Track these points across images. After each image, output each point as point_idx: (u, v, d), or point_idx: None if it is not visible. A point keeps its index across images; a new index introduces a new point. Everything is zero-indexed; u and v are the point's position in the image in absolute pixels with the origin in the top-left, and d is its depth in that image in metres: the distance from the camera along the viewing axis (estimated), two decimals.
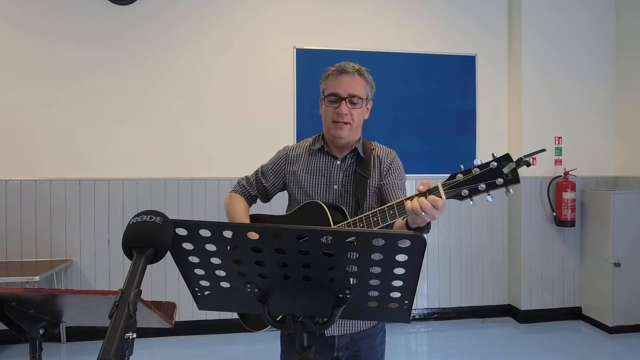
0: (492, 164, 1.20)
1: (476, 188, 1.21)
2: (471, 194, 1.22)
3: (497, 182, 1.19)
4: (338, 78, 1.55)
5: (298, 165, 1.66)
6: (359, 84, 1.55)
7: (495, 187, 1.20)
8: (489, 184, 1.20)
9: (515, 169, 1.18)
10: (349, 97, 1.53)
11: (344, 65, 1.56)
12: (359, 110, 1.57)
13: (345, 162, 1.62)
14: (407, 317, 0.93)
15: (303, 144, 1.71)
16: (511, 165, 1.17)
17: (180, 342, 3.80)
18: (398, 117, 4.29)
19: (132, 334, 0.68)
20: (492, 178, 1.19)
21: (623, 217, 4.01)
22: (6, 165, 3.77)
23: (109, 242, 3.88)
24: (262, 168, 1.74)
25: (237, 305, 1.03)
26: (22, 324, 0.98)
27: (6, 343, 3.60)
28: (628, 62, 4.38)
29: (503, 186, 1.20)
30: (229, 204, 1.71)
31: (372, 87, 1.61)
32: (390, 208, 1.33)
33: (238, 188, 1.75)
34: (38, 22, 3.81)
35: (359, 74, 1.56)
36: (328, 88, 1.57)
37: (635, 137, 4.33)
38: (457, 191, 1.22)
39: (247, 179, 1.75)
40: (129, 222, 0.80)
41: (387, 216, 1.34)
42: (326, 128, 1.60)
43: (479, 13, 4.44)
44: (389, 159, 1.63)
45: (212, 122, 4.05)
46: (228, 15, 4.08)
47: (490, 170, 1.19)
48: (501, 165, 1.18)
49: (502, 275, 4.49)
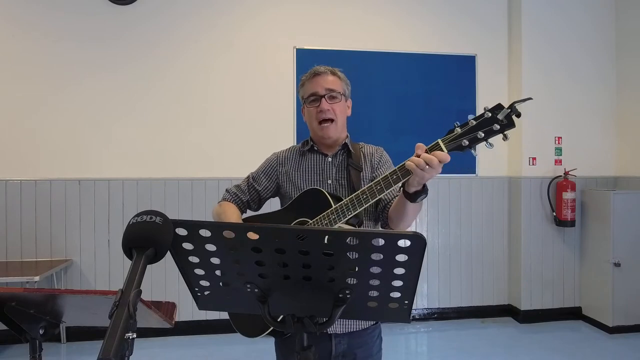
0: (487, 113, 1.26)
1: (475, 137, 1.26)
2: (471, 143, 1.27)
3: (494, 128, 1.25)
4: (313, 80, 1.60)
5: (290, 165, 1.66)
6: (333, 81, 1.60)
7: (493, 133, 1.26)
8: (487, 130, 1.26)
9: (510, 114, 1.24)
10: (327, 92, 1.57)
11: (316, 68, 1.62)
12: (339, 105, 1.60)
13: (336, 158, 1.64)
14: (407, 317, 0.93)
15: (292, 148, 1.72)
16: (505, 111, 1.24)
17: (180, 342, 3.80)
18: (398, 117, 4.29)
19: (132, 334, 0.68)
20: (489, 125, 1.25)
21: (623, 217, 4.01)
22: (6, 165, 3.77)
23: (109, 242, 3.88)
24: (252, 174, 1.72)
25: (237, 305, 1.03)
26: (22, 324, 0.98)
27: (6, 343, 3.61)
28: (628, 62, 4.38)
29: (500, 132, 1.25)
30: (220, 213, 1.63)
31: (347, 84, 1.65)
32: (393, 173, 1.35)
33: (228, 196, 1.70)
34: (38, 22, 3.81)
35: (331, 72, 1.61)
36: (306, 91, 1.62)
37: (635, 137, 4.33)
38: (458, 142, 1.27)
39: (238, 187, 1.71)
40: (129, 222, 0.80)
41: (390, 181, 1.36)
42: (313, 131, 1.64)
43: (479, 13, 4.44)
44: (378, 154, 1.66)
45: (212, 122, 4.05)
46: (228, 15, 4.08)
47: (485, 119, 1.26)
48: (495, 113, 1.25)
49: (502, 275, 4.49)
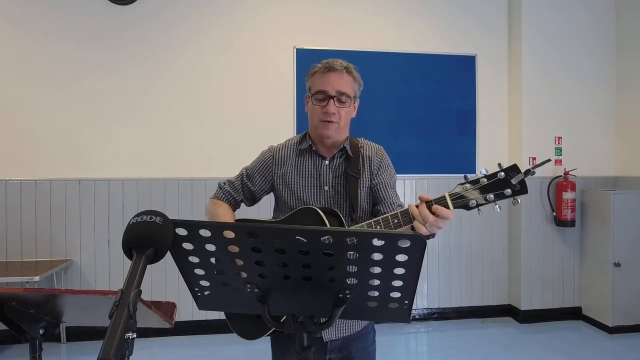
0: (500, 174, 1.18)
1: (484, 198, 1.20)
2: (479, 204, 1.20)
3: (506, 193, 1.18)
4: (326, 75, 1.48)
5: (287, 167, 1.58)
6: (347, 82, 1.49)
7: (503, 198, 1.18)
8: (498, 194, 1.18)
9: (524, 179, 1.17)
10: (337, 95, 1.47)
11: (332, 63, 1.48)
12: (346, 109, 1.51)
13: (334, 162, 1.56)
14: (407, 317, 0.93)
15: (289, 143, 1.62)
16: (520, 177, 1.16)
17: (180, 342, 3.80)
18: (398, 118, 4.28)
19: (132, 334, 0.68)
20: (501, 188, 1.18)
21: (623, 217, 4.01)
22: (6, 165, 3.77)
23: (109, 242, 3.88)
24: (246, 171, 1.64)
25: (237, 305, 1.03)
26: (22, 324, 0.98)
27: (6, 343, 3.60)
28: (628, 62, 4.38)
29: (511, 197, 1.18)
30: (214, 214, 1.58)
31: (360, 85, 1.55)
32: (395, 217, 1.29)
33: (221, 194, 1.64)
34: (38, 22, 3.81)
35: (347, 71, 1.49)
36: (315, 85, 1.50)
37: (635, 137, 4.33)
38: (465, 201, 1.21)
39: (231, 184, 1.65)
40: (129, 222, 0.80)
41: (391, 225, 1.30)
42: (313, 127, 1.55)
43: (479, 13, 4.44)
44: (378, 157, 1.57)
45: (212, 122, 4.05)
46: (228, 15, 4.08)
47: (498, 180, 1.18)
48: (509, 175, 1.17)
49: (502, 275, 4.48)
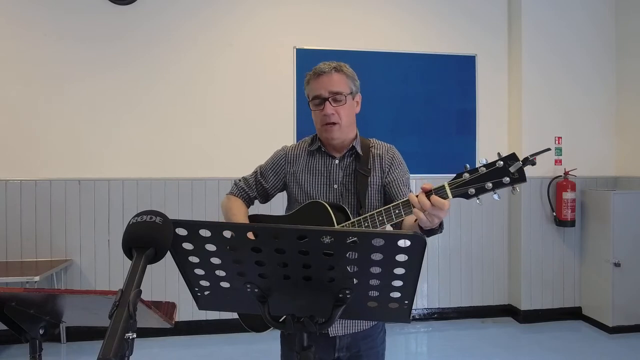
0: (499, 163, 1.19)
1: (483, 187, 1.21)
2: (478, 193, 1.22)
3: (504, 181, 1.19)
4: (317, 80, 1.54)
5: (298, 166, 1.64)
6: (338, 81, 1.54)
7: (501, 186, 1.20)
8: (496, 182, 1.20)
9: (522, 167, 1.18)
10: (330, 95, 1.52)
11: (320, 67, 1.55)
12: (345, 107, 1.55)
13: (344, 161, 1.61)
14: (407, 317, 0.93)
15: (302, 144, 1.69)
16: (518, 164, 1.17)
17: (180, 342, 3.80)
18: (398, 117, 4.29)
19: (132, 334, 0.68)
20: (499, 177, 1.19)
21: (623, 217, 4.01)
22: (6, 165, 3.77)
23: (109, 242, 3.88)
24: (260, 169, 1.71)
25: (237, 305, 1.03)
26: (22, 324, 0.98)
27: (6, 343, 3.60)
28: (628, 62, 4.38)
29: (509, 185, 1.20)
30: (228, 207, 1.67)
31: (354, 79, 1.58)
32: (396, 207, 1.33)
33: (236, 190, 1.71)
34: (38, 22, 3.81)
35: (335, 70, 1.54)
36: (311, 92, 1.57)
37: (635, 137, 4.33)
38: (464, 190, 1.22)
39: (246, 181, 1.71)
40: (129, 222, 0.79)
41: (392, 215, 1.34)
42: (318, 132, 1.61)
43: (479, 13, 4.44)
44: (389, 155, 1.61)
45: (212, 122, 4.05)
46: (228, 15, 4.08)
47: (496, 169, 1.19)
48: (507, 164, 1.18)
49: (502, 275, 4.49)
